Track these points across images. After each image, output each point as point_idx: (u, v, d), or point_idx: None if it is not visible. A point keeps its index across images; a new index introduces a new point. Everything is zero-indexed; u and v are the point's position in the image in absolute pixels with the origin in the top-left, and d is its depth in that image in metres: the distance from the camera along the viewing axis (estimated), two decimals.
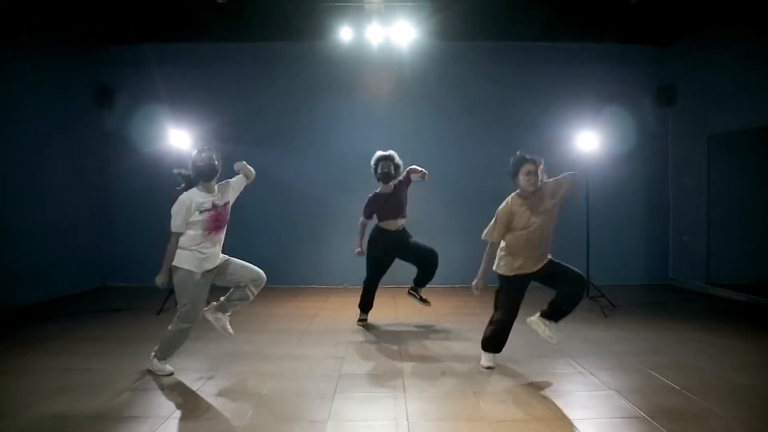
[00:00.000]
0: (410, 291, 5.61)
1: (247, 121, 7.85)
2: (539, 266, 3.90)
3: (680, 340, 4.82)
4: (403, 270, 5.69)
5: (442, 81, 8.01)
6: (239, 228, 6.98)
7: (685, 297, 7.03)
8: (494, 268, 4.02)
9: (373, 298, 5.59)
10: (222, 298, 4.07)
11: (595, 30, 7.71)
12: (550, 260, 3.95)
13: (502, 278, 4.00)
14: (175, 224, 3.74)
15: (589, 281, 6.55)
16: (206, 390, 3.58)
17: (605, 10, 6.90)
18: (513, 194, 3.95)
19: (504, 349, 4.12)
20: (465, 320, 5.73)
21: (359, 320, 5.56)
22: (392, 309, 6.33)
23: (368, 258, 5.44)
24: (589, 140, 6.59)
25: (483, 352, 4.10)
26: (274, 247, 7.89)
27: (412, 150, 7.89)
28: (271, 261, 8.28)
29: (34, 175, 6.71)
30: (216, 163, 3.84)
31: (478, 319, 5.78)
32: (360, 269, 7.88)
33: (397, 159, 5.38)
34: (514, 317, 3.99)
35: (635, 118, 7.93)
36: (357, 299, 5.61)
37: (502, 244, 3.99)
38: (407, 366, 4.11)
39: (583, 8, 6.96)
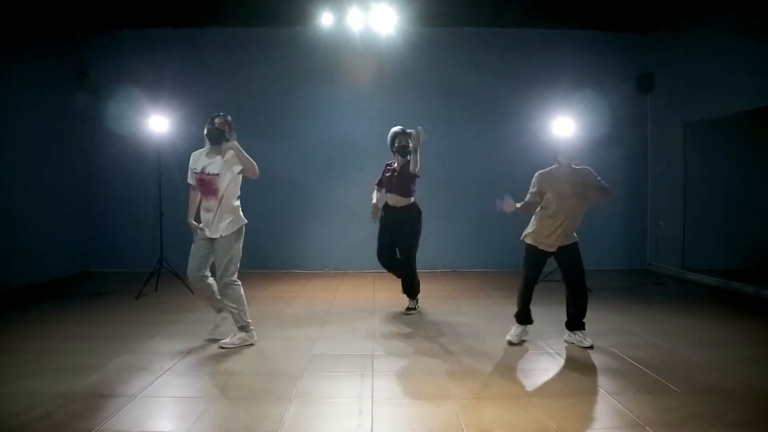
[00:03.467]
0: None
1: (227, 107, 7.52)
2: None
3: (646, 321, 4.95)
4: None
5: (422, 66, 8.02)
6: None
7: (660, 281, 7.15)
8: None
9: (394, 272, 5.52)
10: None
11: (576, 17, 7.71)
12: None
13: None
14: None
15: None
16: (178, 370, 3.65)
17: None
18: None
19: (475, 328, 4.21)
20: (443, 304, 5.81)
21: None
22: (370, 292, 6.40)
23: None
24: (568, 125, 6.65)
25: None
26: (256, 233, 7.82)
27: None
28: (253, 246, 8.35)
29: (16, 161, 6.69)
30: (222, 129, 4.10)
31: (454, 302, 5.89)
32: (343, 254, 8.04)
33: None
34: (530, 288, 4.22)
35: (615, 104, 7.99)
36: (338, 284, 5.68)
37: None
38: (378, 347, 4.20)
39: None
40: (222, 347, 4.09)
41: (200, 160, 4.15)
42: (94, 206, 8.06)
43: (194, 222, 4.22)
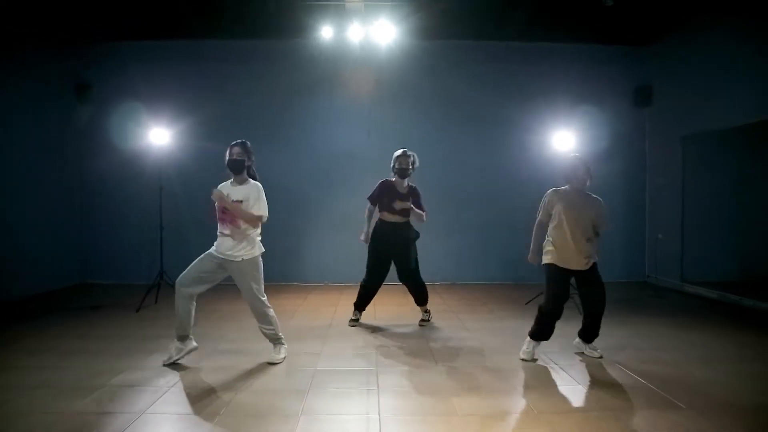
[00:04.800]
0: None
1: (227, 119, 7.81)
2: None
3: (649, 336, 4.95)
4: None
5: (421, 79, 8.06)
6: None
7: (659, 294, 7.16)
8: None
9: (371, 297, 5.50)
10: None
11: (574, 30, 7.78)
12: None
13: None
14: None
15: None
16: (180, 387, 3.61)
17: (584, 11, 6.96)
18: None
19: (479, 344, 4.20)
20: (444, 319, 5.78)
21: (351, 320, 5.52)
22: (371, 306, 6.36)
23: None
24: (566, 139, 6.67)
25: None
26: None
27: (391, 148, 7.98)
28: None
29: (13, 171, 6.67)
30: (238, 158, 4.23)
31: (456, 317, 5.87)
32: (342, 266, 8.01)
33: (415, 159, 5.46)
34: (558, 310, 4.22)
35: (613, 117, 8.06)
36: (337, 297, 5.63)
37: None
38: (382, 362, 4.17)
39: (562, 8, 7.02)
40: (271, 363, 4.11)
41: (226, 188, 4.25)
42: (92, 216, 8.01)
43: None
